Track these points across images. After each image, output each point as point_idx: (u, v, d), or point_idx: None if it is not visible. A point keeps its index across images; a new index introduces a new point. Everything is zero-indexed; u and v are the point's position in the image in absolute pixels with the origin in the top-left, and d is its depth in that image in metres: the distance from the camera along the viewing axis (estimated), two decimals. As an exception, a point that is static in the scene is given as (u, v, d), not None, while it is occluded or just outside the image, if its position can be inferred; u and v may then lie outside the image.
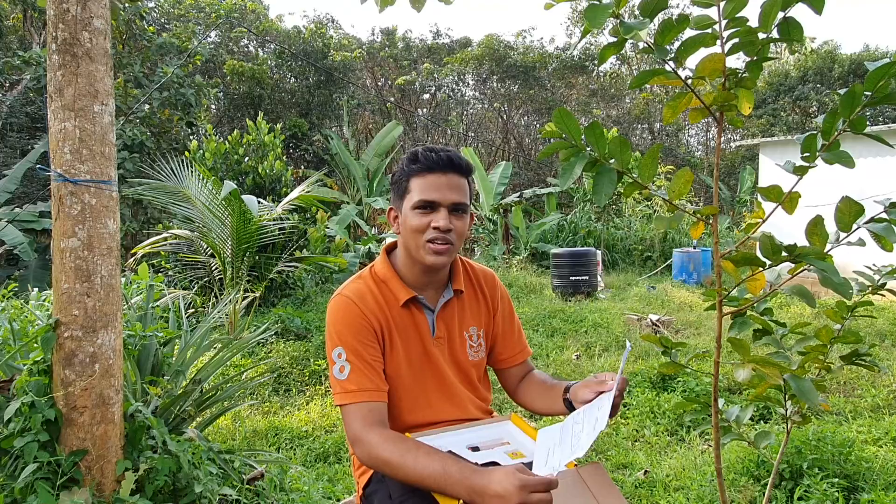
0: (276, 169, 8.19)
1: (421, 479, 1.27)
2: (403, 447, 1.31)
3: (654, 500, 2.81)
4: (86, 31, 1.87)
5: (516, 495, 1.12)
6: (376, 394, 1.42)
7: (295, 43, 17.36)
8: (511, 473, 1.15)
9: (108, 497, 1.93)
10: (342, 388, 1.41)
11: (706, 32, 1.24)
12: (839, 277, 1.17)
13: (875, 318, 6.05)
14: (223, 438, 3.63)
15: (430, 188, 1.46)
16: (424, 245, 1.47)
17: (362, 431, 1.36)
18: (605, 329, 6.28)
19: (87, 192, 1.88)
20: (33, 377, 1.91)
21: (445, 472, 1.24)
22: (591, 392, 1.42)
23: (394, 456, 1.30)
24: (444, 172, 1.47)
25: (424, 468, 1.26)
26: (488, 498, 1.16)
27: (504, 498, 1.14)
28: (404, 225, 1.50)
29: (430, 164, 1.47)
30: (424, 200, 1.46)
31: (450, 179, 1.47)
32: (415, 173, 1.48)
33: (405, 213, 1.49)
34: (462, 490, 1.21)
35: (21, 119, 10.94)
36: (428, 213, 1.46)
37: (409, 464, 1.28)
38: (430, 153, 1.48)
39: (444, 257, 1.48)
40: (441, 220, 1.45)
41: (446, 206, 1.46)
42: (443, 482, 1.24)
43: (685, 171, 1.31)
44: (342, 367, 1.42)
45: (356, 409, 1.39)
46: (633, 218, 13.53)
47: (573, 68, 21.15)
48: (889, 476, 2.79)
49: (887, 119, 17.93)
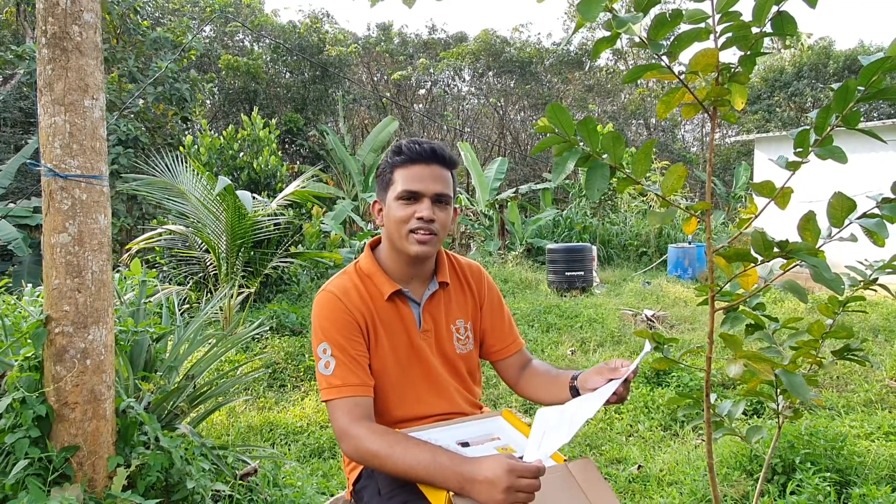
0: (271, 164, 8.16)
1: (410, 468, 1.27)
2: (392, 439, 1.32)
3: (648, 494, 2.81)
4: (76, 24, 1.85)
5: (505, 479, 1.14)
6: (361, 388, 1.42)
7: (290, 38, 17.29)
8: (500, 459, 1.17)
9: (99, 493, 1.92)
10: (328, 383, 1.42)
11: (700, 27, 1.24)
12: (831, 273, 1.17)
13: (867, 314, 6.07)
14: (217, 434, 3.62)
15: (413, 179, 1.47)
16: (408, 235, 1.47)
17: (349, 426, 1.36)
18: (601, 324, 6.29)
19: (77, 187, 1.87)
20: (24, 373, 1.90)
21: (435, 461, 1.24)
22: (603, 379, 1.43)
23: (382, 448, 1.30)
24: (428, 164, 1.48)
25: (414, 458, 1.26)
26: (478, 484, 1.17)
27: (493, 483, 1.15)
28: (388, 216, 1.51)
29: (413, 156, 1.48)
30: (408, 191, 1.47)
31: (433, 171, 1.48)
32: (399, 165, 1.49)
33: (389, 205, 1.50)
34: (452, 477, 1.21)
35: (14, 114, 10.87)
36: (411, 203, 1.47)
37: (397, 455, 1.28)
38: (414, 145, 1.50)
39: (428, 247, 1.48)
40: (424, 211, 1.46)
41: (430, 196, 1.47)
42: (433, 470, 1.24)
43: (678, 166, 1.31)
44: (327, 362, 1.43)
45: (342, 404, 1.40)
46: (628, 213, 13.54)
47: (569, 63, 21.13)
48: (881, 470, 2.81)
49: (881, 115, 17.97)
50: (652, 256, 12.14)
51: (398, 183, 1.48)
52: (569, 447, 3.40)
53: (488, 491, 1.15)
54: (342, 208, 12.43)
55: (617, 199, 13.85)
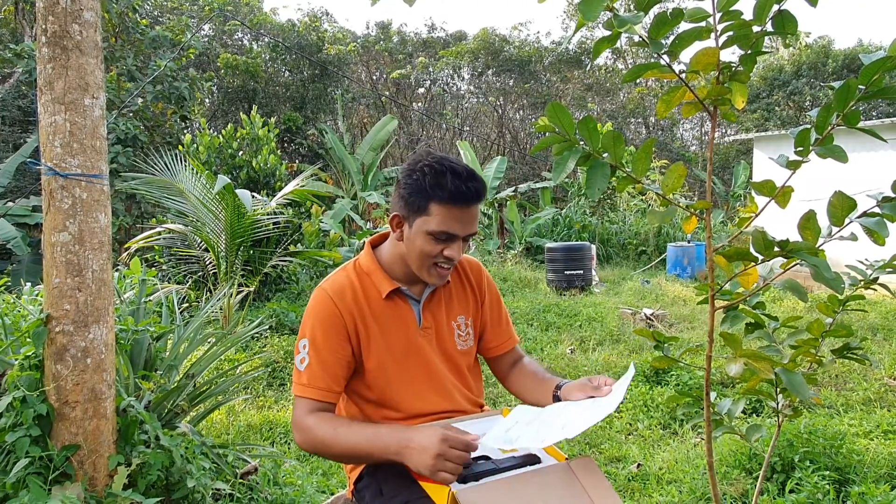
0: (270, 163, 8.15)
1: (355, 445, 1.34)
2: (336, 423, 1.39)
3: (647, 493, 2.82)
4: (76, 23, 1.85)
5: (436, 447, 1.21)
6: (326, 393, 1.45)
7: (289, 36, 17.26)
8: (436, 429, 1.24)
9: (100, 492, 1.92)
10: (298, 378, 1.47)
11: (700, 26, 1.24)
12: (831, 272, 1.17)
13: (867, 313, 6.08)
14: (217, 433, 3.62)
15: (452, 221, 1.41)
16: (430, 268, 1.47)
17: (301, 419, 1.42)
18: (600, 323, 6.30)
19: (77, 186, 1.87)
20: (24, 372, 1.90)
21: (376, 434, 1.32)
22: (584, 396, 1.44)
23: (327, 433, 1.37)
24: (469, 206, 1.43)
25: (356, 436, 1.34)
26: (411, 449, 1.25)
27: (425, 448, 1.22)
28: (411, 242, 1.46)
29: (456, 197, 1.40)
30: (446, 233, 1.42)
31: (472, 212, 1.44)
32: (438, 199, 1.41)
33: (416, 232, 1.45)
34: (392, 444, 1.29)
35: (13, 113, 10.85)
36: (443, 241, 1.44)
37: (342, 436, 1.35)
38: (461, 184, 1.39)
39: (447, 279, 1.53)
40: (455, 252, 1.45)
41: (463, 237, 1.45)
42: (374, 441, 1.31)
43: (678, 165, 1.31)
44: (303, 358, 1.47)
45: (305, 403, 1.44)
46: (627, 212, 13.55)
47: (569, 62, 21.11)
48: (880, 468, 2.81)
49: (880, 114, 17.98)
50: (651, 255, 12.15)
51: (434, 218, 1.41)
52: (568, 445, 3.41)
53: (419, 456, 1.23)
54: (341, 207, 12.42)
55: (616, 198, 13.86)
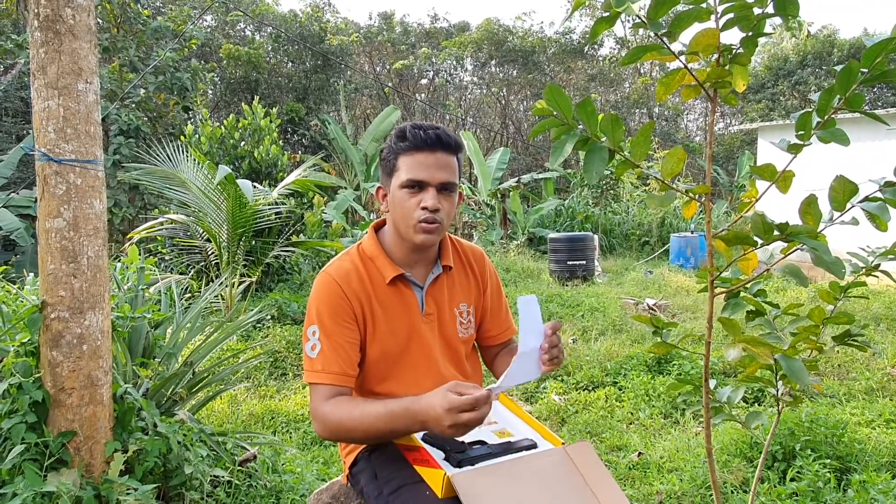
0: (272, 154, 8.13)
1: (372, 426, 1.32)
2: (349, 405, 1.36)
3: (648, 481, 2.81)
4: (69, 7, 1.83)
5: (447, 418, 1.19)
6: (342, 378, 1.43)
7: (291, 27, 17.20)
8: (442, 396, 1.21)
9: (96, 478, 1.92)
10: (311, 366, 1.44)
11: (700, 7, 1.21)
12: (831, 256, 1.15)
13: (869, 300, 6.04)
14: (219, 421, 3.63)
15: (418, 167, 1.44)
16: (414, 225, 1.45)
17: (318, 406, 1.40)
18: (602, 313, 6.28)
19: (72, 171, 1.85)
20: (20, 358, 1.90)
21: (388, 411, 1.30)
22: None
23: (344, 416, 1.35)
24: (433, 151, 1.44)
25: (370, 414, 1.31)
26: (429, 423, 1.24)
27: (438, 420, 1.21)
28: (393, 203, 1.49)
29: (418, 143, 1.44)
30: (413, 180, 1.44)
31: (438, 158, 1.45)
32: (403, 151, 1.46)
33: (393, 192, 1.48)
34: (411, 422, 1.27)
35: (15, 104, 10.84)
36: (416, 192, 1.45)
37: (356, 417, 1.33)
38: (419, 131, 1.45)
39: (434, 236, 1.47)
40: (430, 200, 1.43)
41: (435, 185, 1.44)
42: (390, 421, 1.30)
43: (678, 149, 1.29)
44: (314, 345, 1.45)
45: (321, 389, 1.42)
46: (630, 203, 13.50)
47: (572, 53, 21.01)
48: (881, 457, 2.80)
49: (885, 104, 17.85)
50: (654, 246, 12.12)
51: (402, 171, 1.45)
52: (569, 433, 3.40)
53: (437, 426, 1.22)
54: (344, 198, 12.42)
55: (619, 189, 13.82)
